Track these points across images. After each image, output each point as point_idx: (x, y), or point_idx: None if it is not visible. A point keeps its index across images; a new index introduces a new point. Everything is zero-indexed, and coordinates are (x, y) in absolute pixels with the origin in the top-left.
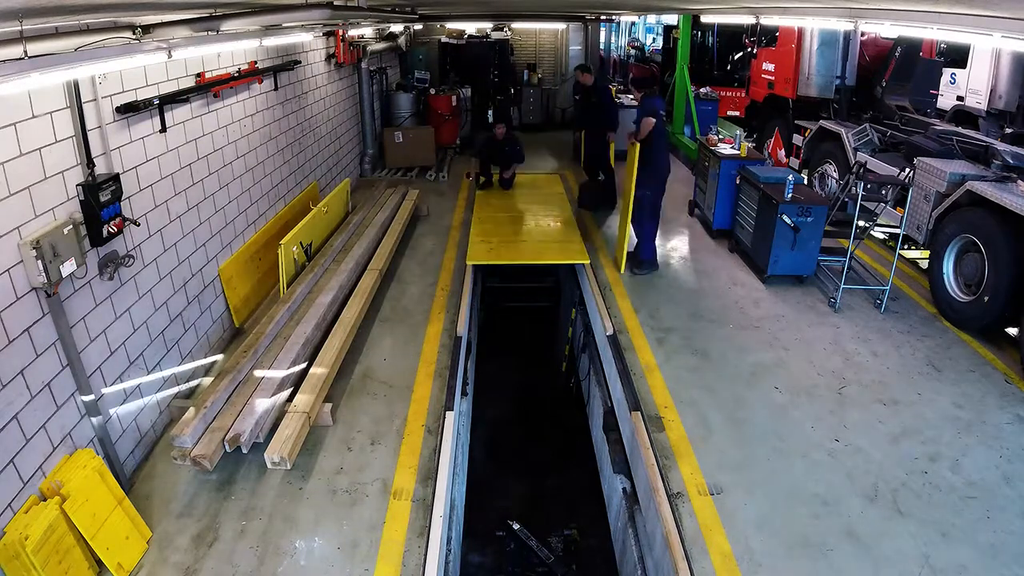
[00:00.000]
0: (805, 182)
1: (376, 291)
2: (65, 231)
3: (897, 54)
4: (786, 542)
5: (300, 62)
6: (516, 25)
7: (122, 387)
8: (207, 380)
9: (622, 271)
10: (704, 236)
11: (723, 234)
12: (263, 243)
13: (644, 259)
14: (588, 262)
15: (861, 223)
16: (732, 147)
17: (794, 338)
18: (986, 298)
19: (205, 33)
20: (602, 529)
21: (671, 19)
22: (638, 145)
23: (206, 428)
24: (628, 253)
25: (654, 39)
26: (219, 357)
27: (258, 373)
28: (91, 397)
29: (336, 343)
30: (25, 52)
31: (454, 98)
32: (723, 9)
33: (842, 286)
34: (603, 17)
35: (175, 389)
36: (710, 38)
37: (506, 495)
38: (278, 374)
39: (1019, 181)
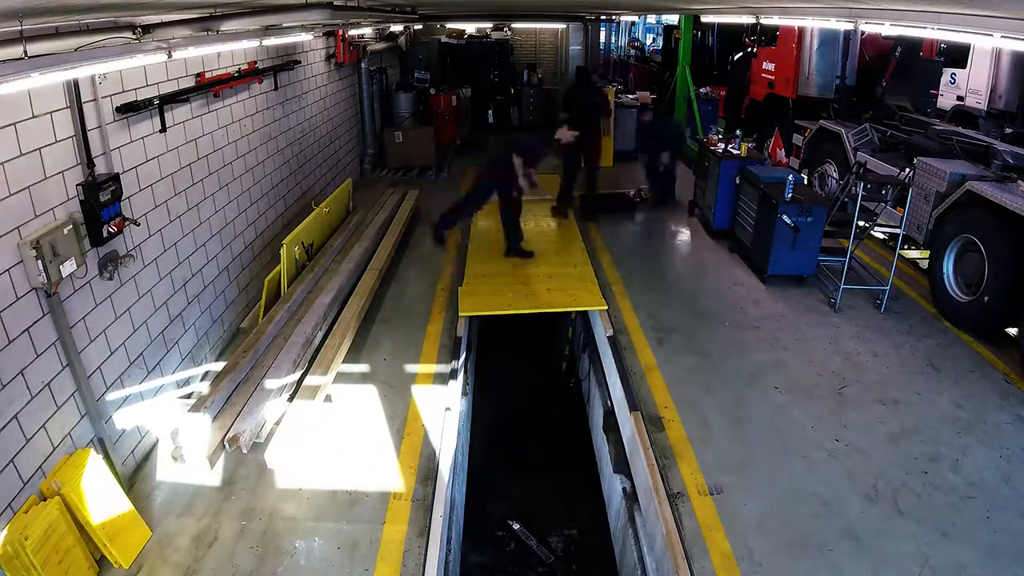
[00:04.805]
0: (805, 182)
1: (376, 291)
2: (65, 231)
3: (897, 54)
4: (786, 542)
5: (300, 62)
6: (516, 25)
7: (122, 387)
8: (207, 380)
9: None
10: (704, 236)
11: (723, 234)
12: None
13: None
14: (606, 308)
15: (861, 223)
16: (732, 147)
17: (794, 338)
18: (986, 298)
19: (205, 33)
20: (602, 529)
21: (671, 19)
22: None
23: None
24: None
25: (654, 39)
26: (219, 358)
27: (258, 373)
28: (91, 397)
29: (336, 343)
30: (25, 52)
31: (454, 98)
32: (723, 9)
33: (842, 286)
34: (603, 17)
35: (175, 389)
36: (710, 38)
37: (506, 495)
38: (278, 374)
39: (1019, 181)
